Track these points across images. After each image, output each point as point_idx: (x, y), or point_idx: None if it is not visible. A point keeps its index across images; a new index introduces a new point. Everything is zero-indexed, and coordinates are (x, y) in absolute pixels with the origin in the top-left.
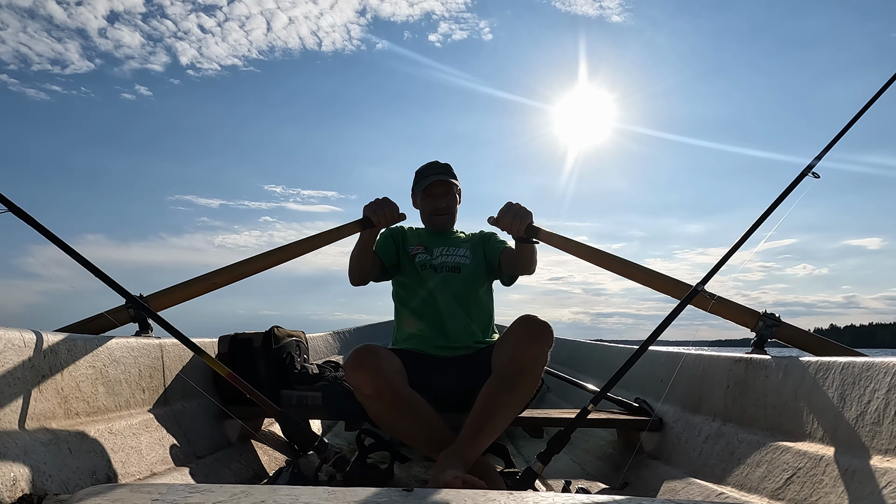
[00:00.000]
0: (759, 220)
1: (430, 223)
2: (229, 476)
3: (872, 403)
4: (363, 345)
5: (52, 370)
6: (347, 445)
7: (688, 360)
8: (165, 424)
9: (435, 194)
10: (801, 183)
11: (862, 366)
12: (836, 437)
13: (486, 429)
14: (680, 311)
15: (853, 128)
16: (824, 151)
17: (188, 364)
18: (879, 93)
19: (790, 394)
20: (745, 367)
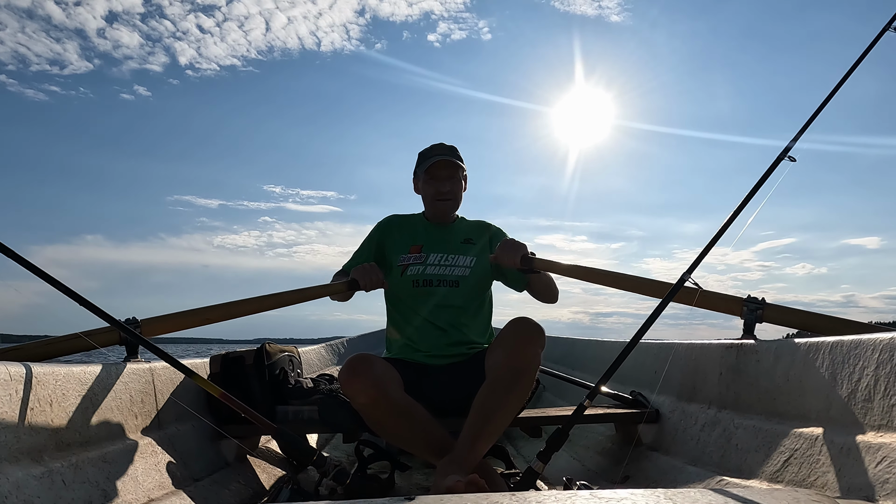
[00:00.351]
0: (739, 208)
1: (433, 209)
2: (228, 497)
3: (863, 381)
4: (357, 354)
5: (40, 402)
6: (346, 457)
7: (679, 349)
8: (160, 449)
9: (438, 177)
10: (778, 167)
11: (850, 344)
12: (830, 416)
13: (484, 433)
14: (668, 301)
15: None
16: (799, 134)
17: (180, 386)
18: (850, 71)
19: (782, 376)
20: (737, 353)
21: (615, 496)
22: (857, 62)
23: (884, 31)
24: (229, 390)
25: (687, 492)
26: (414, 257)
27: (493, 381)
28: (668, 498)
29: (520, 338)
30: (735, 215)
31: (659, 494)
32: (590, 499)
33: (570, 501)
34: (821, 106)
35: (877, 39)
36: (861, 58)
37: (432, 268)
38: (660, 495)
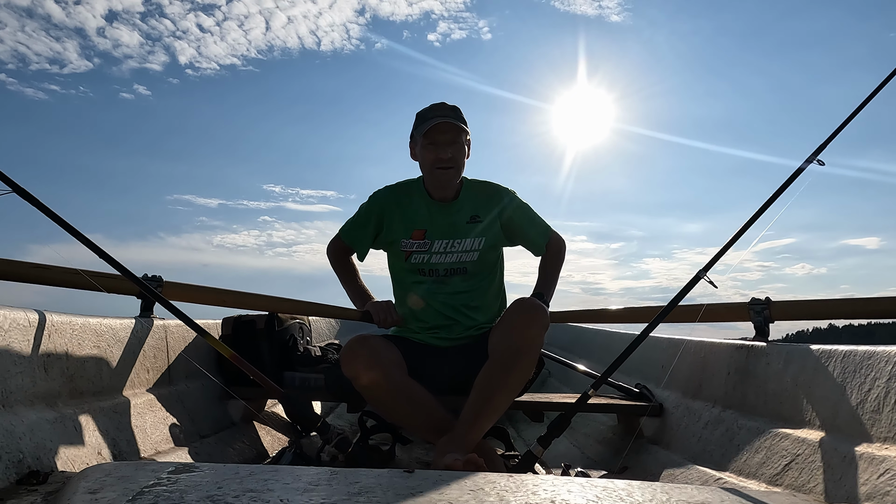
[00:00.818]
0: (763, 207)
1: (431, 178)
2: (232, 455)
3: (873, 392)
4: (358, 336)
5: (57, 350)
6: (349, 427)
7: (689, 346)
8: (169, 404)
9: (438, 142)
10: (805, 171)
11: (863, 354)
12: (836, 425)
13: (484, 413)
14: (682, 297)
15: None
16: (830, 139)
17: (191, 345)
18: (882, 84)
19: (791, 381)
20: (747, 354)
21: (611, 485)
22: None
23: None
24: (239, 353)
25: (684, 487)
26: (418, 244)
27: (494, 361)
28: (665, 492)
29: (522, 318)
30: (757, 215)
31: (655, 487)
32: (586, 486)
33: (566, 487)
34: (852, 114)
35: None
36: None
37: (438, 256)
38: (656, 488)
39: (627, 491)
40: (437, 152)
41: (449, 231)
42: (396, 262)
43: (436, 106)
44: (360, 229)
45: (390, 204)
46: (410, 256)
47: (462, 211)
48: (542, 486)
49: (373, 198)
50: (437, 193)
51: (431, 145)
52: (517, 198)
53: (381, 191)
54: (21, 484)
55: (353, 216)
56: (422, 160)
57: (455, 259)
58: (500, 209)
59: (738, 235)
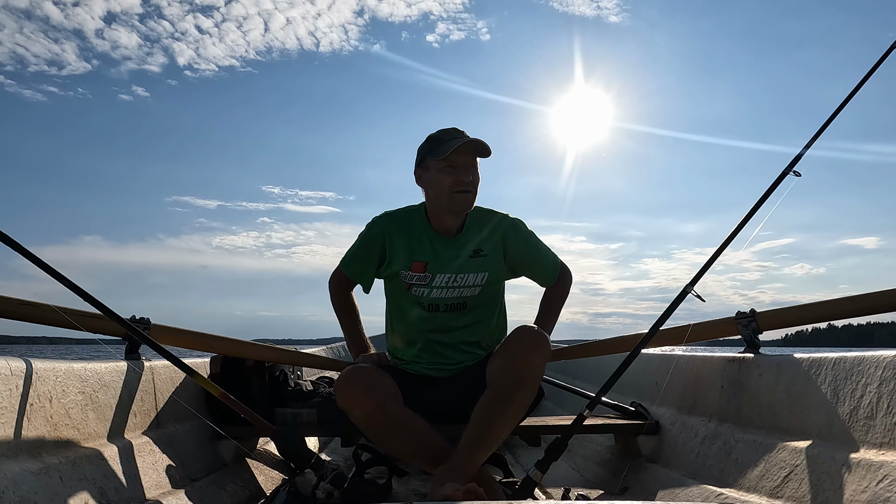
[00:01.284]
0: (744, 221)
1: (449, 203)
2: (226, 498)
3: (865, 398)
4: (352, 367)
5: (40, 398)
6: (344, 462)
7: (681, 361)
8: (159, 448)
9: (458, 164)
10: (783, 182)
11: (853, 360)
12: (832, 433)
13: (483, 442)
14: (670, 313)
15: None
16: (804, 150)
17: (180, 386)
18: (858, 87)
19: (784, 391)
20: (739, 367)
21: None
22: (864, 80)
23: (890, 51)
24: (229, 391)
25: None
26: (418, 277)
27: (494, 390)
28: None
29: (523, 348)
30: (738, 229)
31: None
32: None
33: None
34: (826, 122)
35: (887, 54)
36: (870, 73)
37: (438, 290)
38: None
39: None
40: (458, 174)
41: (451, 266)
42: (395, 292)
43: (448, 130)
44: (363, 260)
45: (391, 231)
46: (411, 289)
47: (466, 245)
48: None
49: (372, 225)
50: (442, 225)
51: (450, 168)
52: (524, 228)
53: (379, 217)
54: None
55: (353, 247)
56: (437, 184)
57: (456, 294)
58: (505, 241)
59: (721, 250)
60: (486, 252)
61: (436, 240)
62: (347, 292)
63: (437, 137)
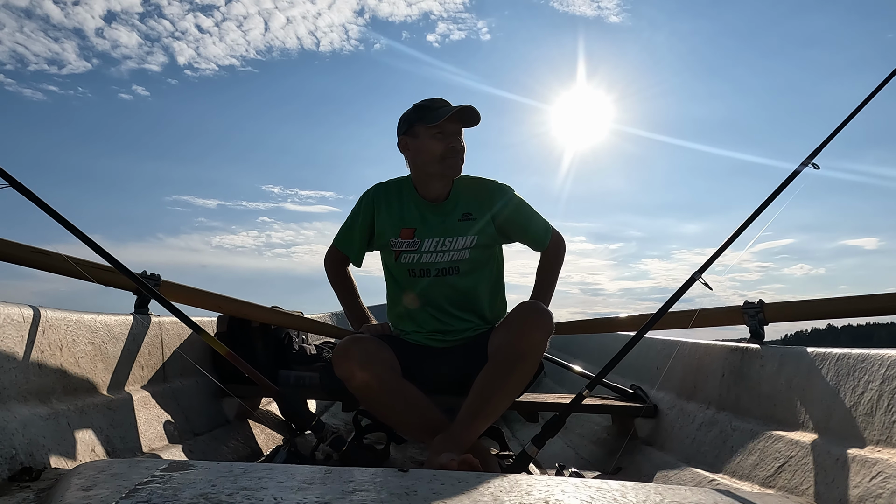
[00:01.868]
0: (759, 210)
1: (441, 168)
2: (227, 453)
3: (866, 395)
4: (350, 336)
5: (51, 346)
6: (344, 426)
7: (683, 348)
8: (163, 401)
9: (449, 131)
10: (800, 174)
11: (857, 357)
12: (829, 427)
13: (481, 414)
14: (676, 299)
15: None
16: (825, 142)
17: (186, 342)
18: (881, 86)
19: (784, 383)
20: (741, 357)
21: (605, 486)
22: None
23: None
24: (235, 350)
25: (677, 488)
26: (407, 243)
27: (495, 363)
28: (658, 493)
29: (526, 322)
30: (752, 218)
31: (649, 488)
32: (580, 486)
33: (560, 487)
34: (849, 117)
35: None
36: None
37: (427, 255)
38: (650, 489)
39: (621, 492)
40: (448, 141)
41: (440, 230)
42: (388, 262)
43: (436, 99)
44: (352, 233)
45: (380, 201)
46: (400, 256)
47: (455, 210)
48: (536, 486)
49: (363, 198)
50: (430, 192)
51: (440, 134)
52: (514, 194)
53: (369, 190)
54: (13, 480)
55: (346, 222)
56: (427, 151)
57: (447, 259)
58: (494, 206)
59: (734, 237)
60: (474, 216)
61: (424, 206)
62: (343, 267)
63: (427, 105)
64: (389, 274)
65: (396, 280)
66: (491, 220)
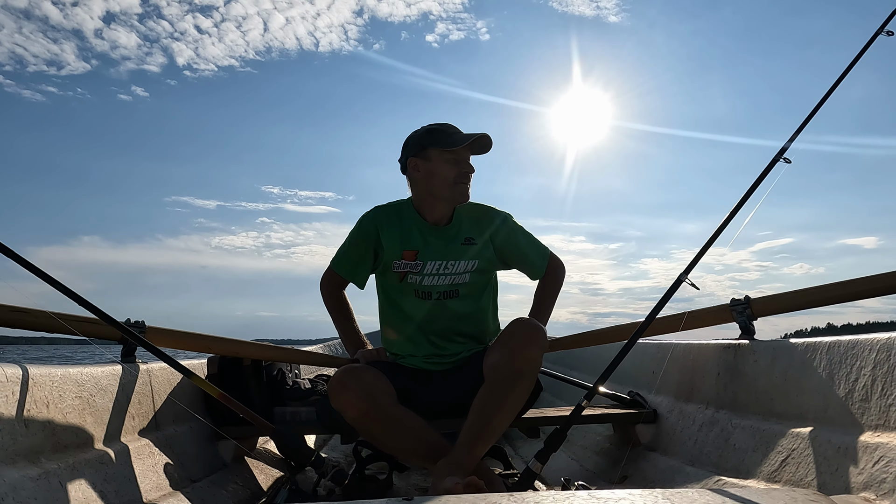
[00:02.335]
0: (735, 209)
1: (452, 193)
2: (226, 498)
3: (860, 381)
4: (345, 367)
5: (37, 404)
6: (345, 458)
7: (677, 349)
8: (158, 450)
9: (464, 158)
10: (773, 169)
11: (847, 344)
12: (827, 416)
13: (482, 435)
14: (665, 301)
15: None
16: (794, 136)
17: (177, 387)
18: (844, 74)
19: (780, 376)
20: (735, 354)
21: (613, 496)
22: (850, 66)
23: (876, 35)
24: (227, 391)
25: (685, 492)
26: (410, 265)
27: (493, 382)
28: (666, 498)
29: (520, 339)
30: (731, 217)
31: (657, 495)
32: (588, 499)
33: (568, 502)
34: (815, 108)
35: (869, 43)
36: (854, 62)
37: (430, 278)
38: (658, 495)
39: (630, 500)
40: (462, 166)
41: (442, 253)
42: (389, 285)
43: (448, 125)
44: (356, 257)
45: (381, 223)
46: (406, 277)
47: (458, 234)
48: (544, 502)
49: (364, 220)
50: (433, 216)
51: (455, 160)
52: (512, 220)
53: (370, 212)
54: None
55: (344, 245)
56: (441, 175)
57: (448, 281)
58: (493, 231)
59: (715, 237)
60: (475, 241)
61: (426, 229)
62: (340, 291)
63: (441, 129)
64: (387, 297)
65: (396, 303)
66: (490, 242)
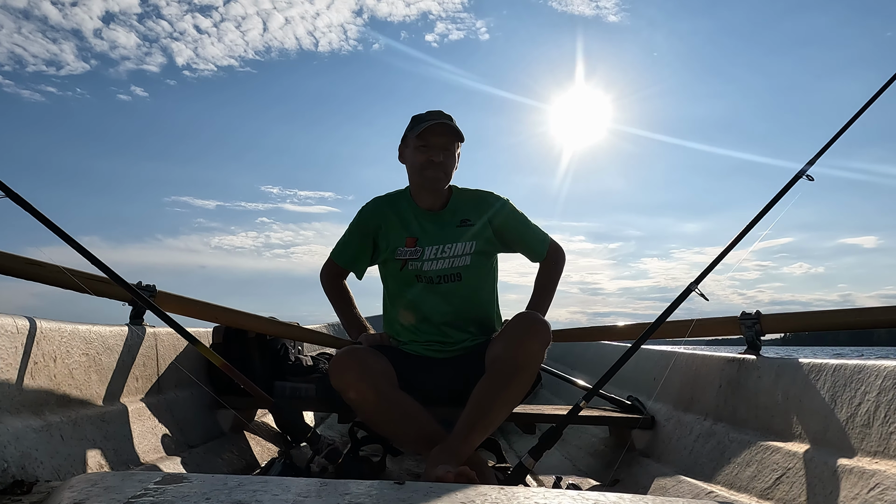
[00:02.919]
0: (754, 221)
1: (419, 180)
2: (221, 466)
3: (863, 406)
4: (347, 348)
5: (44, 357)
6: (340, 438)
7: (680, 359)
8: (158, 413)
9: (431, 144)
10: (795, 185)
11: (853, 368)
12: (826, 439)
13: (479, 426)
14: (672, 310)
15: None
16: (818, 155)
17: (182, 353)
18: (875, 97)
19: (782, 394)
20: (738, 368)
21: (602, 499)
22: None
23: None
24: (230, 362)
25: (675, 501)
26: (410, 252)
27: (493, 374)
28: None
29: (524, 333)
30: (750, 227)
31: (646, 500)
32: (576, 499)
33: (558, 500)
34: (842, 129)
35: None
36: (889, 82)
37: (429, 263)
38: (647, 501)
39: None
40: (429, 154)
41: (439, 237)
42: (391, 273)
43: (432, 112)
44: (355, 248)
45: (383, 214)
46: (407, 265)
47: (453, 218)
48: (534, 498)
49: (363, 212)
50: (424, 202)
51: (424, 147)
52: (510, 204)
53: (369, 203)
54: (5, 494)
55: (344, 236)
56: (411, 162)
57: (447, 265)
58: (491, 213)
59: (729, 249)
60: (472, 222)
61: (421, 215)
62: (340, 280)
63: (418, 117)
64: (390, 286)
65: (399, 291)
66: (488, 223)
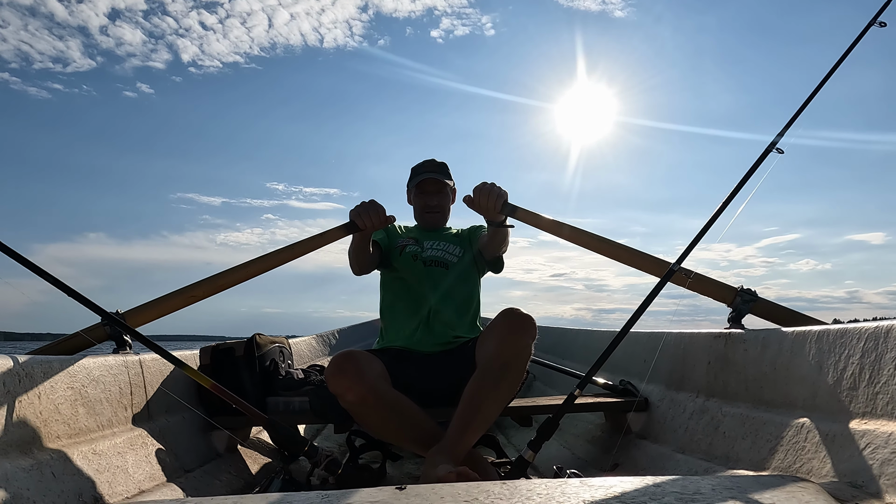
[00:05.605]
0: (728, 199)
1: (422, 220)
2: (220, 487)
3: (848, 369)
4: (343, 352)
5: (28, 394)
6: (338, 448)
7: (669, 338)
8: (151, 440)
9: (427, 191)
10: (766, 159)
11: (836, 333)
12: (816, 404)
13: (473, 423)
14: (659, 289)
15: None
16: (787, 127)
17: (170, 378)
18: (836, 66)
19: (769, 365)
20: (725, 343)
21: (605, 484)
22: (842, 58)
23: (869, 26)
24: (220, 382)
25: (675, 479)
26: (411, 241)
27: (483, 371)
28: (657, 485)
29: (510, 328)
30: (724, 206)
31: (647, 482)
32: (580, 486)
33: (561, 489)
34: (808, 99)
35: (861, 35)
36: (846, 54)
37: (428, 251)
38: (648, 482)
39: (621, 488)
40: (426, 200)
41: (437, 237)
42: (390, 259)
43: (426, 163)
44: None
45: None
46: (406, 248)
47: (448, 230)
48: (537, 490)
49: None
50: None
51: (422, 195)
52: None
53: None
54: None
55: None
56: (415, 205)
57: (441, 255)
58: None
59: (707, 227)
60: (459, 237)
61: (421, 230)
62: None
63: (415, 169)
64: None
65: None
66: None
